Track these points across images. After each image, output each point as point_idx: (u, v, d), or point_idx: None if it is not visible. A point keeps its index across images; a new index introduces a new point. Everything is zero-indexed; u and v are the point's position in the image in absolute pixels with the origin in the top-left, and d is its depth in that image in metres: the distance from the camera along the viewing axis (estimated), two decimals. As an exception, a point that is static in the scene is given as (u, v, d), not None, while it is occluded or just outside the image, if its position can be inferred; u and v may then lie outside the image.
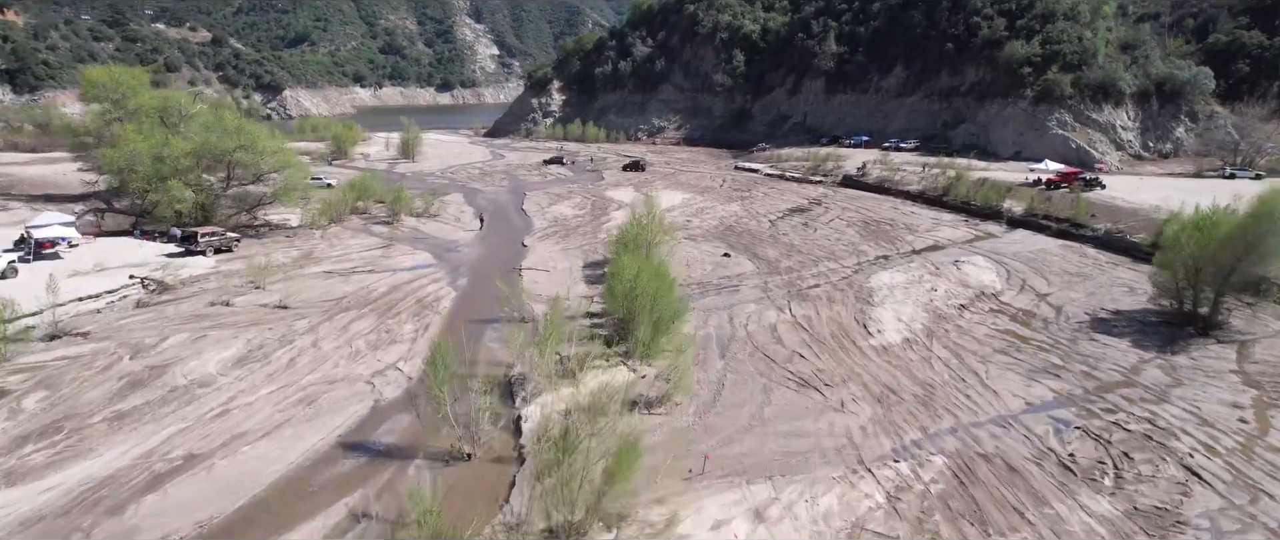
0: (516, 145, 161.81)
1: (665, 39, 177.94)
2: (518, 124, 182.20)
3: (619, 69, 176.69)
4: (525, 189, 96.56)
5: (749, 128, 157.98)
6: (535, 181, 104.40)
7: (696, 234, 68.91)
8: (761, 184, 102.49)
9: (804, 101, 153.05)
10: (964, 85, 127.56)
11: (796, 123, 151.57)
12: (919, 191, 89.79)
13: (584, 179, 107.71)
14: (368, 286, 50.05)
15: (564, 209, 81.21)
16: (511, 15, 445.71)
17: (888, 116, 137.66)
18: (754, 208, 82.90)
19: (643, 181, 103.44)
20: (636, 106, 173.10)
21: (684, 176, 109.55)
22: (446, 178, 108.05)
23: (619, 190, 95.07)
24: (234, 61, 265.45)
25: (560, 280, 52.45)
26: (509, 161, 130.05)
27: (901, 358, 38.34)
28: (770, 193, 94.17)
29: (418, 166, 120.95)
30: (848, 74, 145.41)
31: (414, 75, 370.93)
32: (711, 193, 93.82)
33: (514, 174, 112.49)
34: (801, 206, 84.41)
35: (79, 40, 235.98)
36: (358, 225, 71.68)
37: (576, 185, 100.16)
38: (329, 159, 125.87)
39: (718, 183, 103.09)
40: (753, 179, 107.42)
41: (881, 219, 76.53)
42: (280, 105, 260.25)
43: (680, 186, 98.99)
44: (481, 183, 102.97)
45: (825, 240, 66.77)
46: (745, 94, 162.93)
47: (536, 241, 65.46)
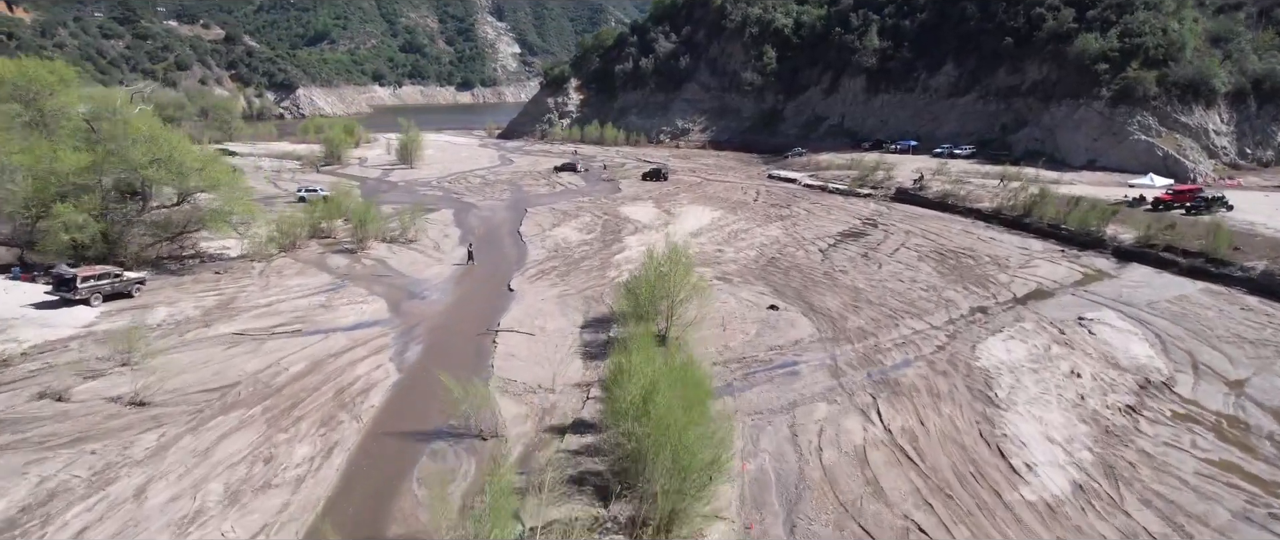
0: (529, 148, 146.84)
1: (690, 34, 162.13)
2: (533, 125, 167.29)
3: (640, 67, 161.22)
4: (528, 203, 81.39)
5: (781, 130, 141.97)
6: (541, 193, 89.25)
7: (732, 271, 53.27)
8: (802, 198, 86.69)
9: (842, 102, 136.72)
10: (1025, 84, 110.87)
11: (833, 125, 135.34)
12: (993, 210, 73.59)
13: (597, 190, 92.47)
14: (279, 362, 34.98)
15: (568, 232, 65.89)
16: (533, 13, 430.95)
17: (937, 119, 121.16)
18: (799, 231, 67.20)
19: (664, 194, 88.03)
20: (659, 107, 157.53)
21: (711, 187, 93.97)
22: (442, 188, 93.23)
23: (636, 206, 79.70)
24: (247, 60, 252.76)
25: (549, 350, 37.18)
26: (517, 167, 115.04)
27: (1089, 535, 22.71)
28: (814, 209, 78.40)
29: (415, 174, 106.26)
30: (891, 72, 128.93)
31: (434, 74, 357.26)
32: (745, 210, 78.18)
33: (519, 183, 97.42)
34: (855, 229, 68.60)
35: (88, 38, 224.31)
36: (313, 255, 56.79)
37: (588, 198, 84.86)
38: (319, 165, 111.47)
39: (751, 196, 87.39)
40: (791, 191, 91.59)
41: (958, 248, 60.55)
42: (293, 104, 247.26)
43: (708, 201, 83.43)
44: (480, 194, 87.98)
45: (897, 281, 50.94)
46: (777, 93, 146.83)
47: (527, 283, 50.07)
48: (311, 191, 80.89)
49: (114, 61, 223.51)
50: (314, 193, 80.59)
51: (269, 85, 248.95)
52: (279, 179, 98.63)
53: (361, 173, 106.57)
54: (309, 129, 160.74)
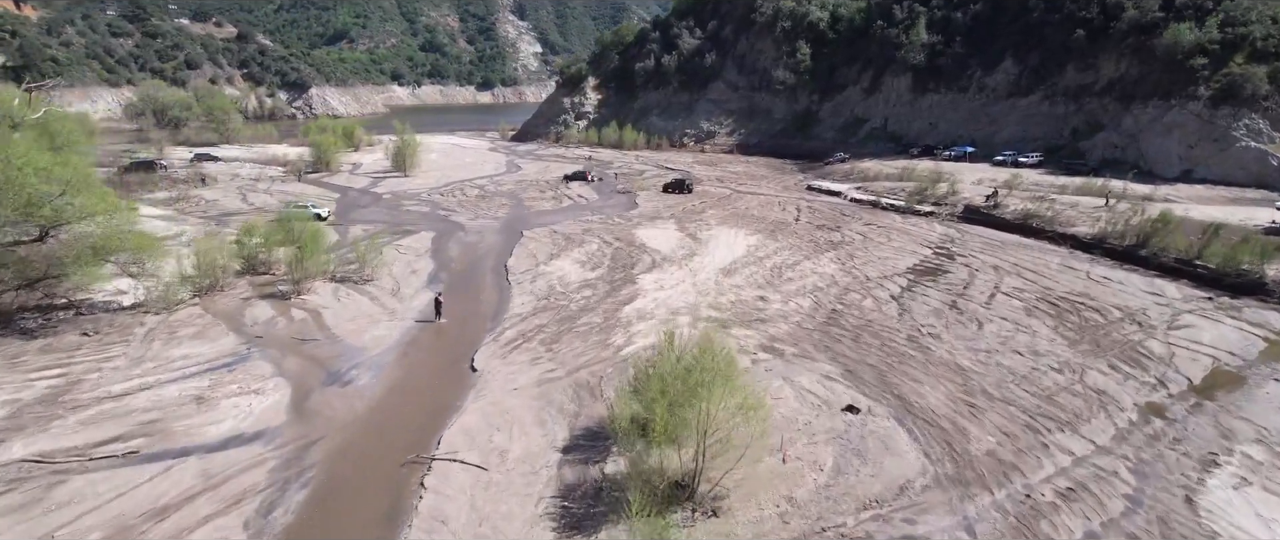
0: (542, 152, 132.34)
1: (716, 29, 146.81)
2: (547, 127, 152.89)
3: (662, 64, 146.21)
4: (526, 223, 66.74)
5: (816, 133, 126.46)
6: (545, 210, 74.60)
7: (781, 334, 38.18)
8: (851, 216, 71.46)
9: (884, 102, 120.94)
10: (1099, 83, 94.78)
11: (875, 128, 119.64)
12: (1094, 238, 57.94)
13: (610, 205, 77.77)
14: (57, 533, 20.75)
15: (568, 266, 51.04)
16: (556, 11, 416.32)
17: (994, 122, 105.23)
18: (859, 265, 52.04)
19: (689, 211, 73.17)
20: (682, 107, 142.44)
21: (743, 202, 78.89)
22: (432, 202, 78.86)
23: (655, 227, 64.88)
24: (259, 58, 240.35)
25: (505, 505, 22.60)
26: (523, 176, 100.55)
27: None
28: (870, 233, 63.19)
29: (407, 183, 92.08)
30: (941, 69, 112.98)
31: (454, 73, 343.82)
32: (786, 233, 63.13)
33: (521, 196, 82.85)
34: (929, 263, 53.32)
35: (96, 35, 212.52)
36: (233, 302, 42.55)
37: (597, 217, 70.09)
38: (302, 172, 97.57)
39: (791, 213, 72.28)
40: (836, 207, 76.33)
41: (1070, 294, 45.13)
42: (306, 104, 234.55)
43: (740, 220, 68.44)
44: (473, 211, 73.49)
45: (1010, 350, 35.67)
46: (811, 93, 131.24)
47: (499, 356, 35.14)
48: (301, 208, 67.30)
49: (122, 60, 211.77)
50: (303, 210, 67.01)
51: (281, 84, 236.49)
52: (253, 190, 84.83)
53: (347, 182, 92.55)
54: (311, 131, 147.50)
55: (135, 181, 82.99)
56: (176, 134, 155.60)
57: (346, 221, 67.07)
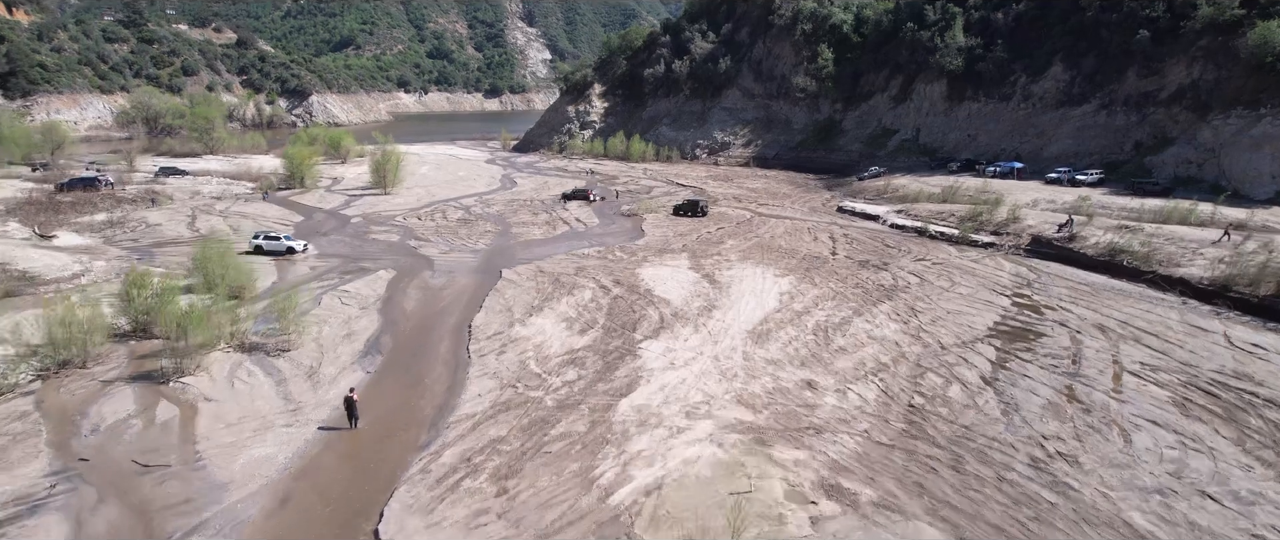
0: (542, 165, 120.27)
1: (731, 33, 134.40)
2: (550, 137, 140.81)
3: (673, 70, 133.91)
4: (508, 260, 54.33)
5: (840, 145, 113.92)
6: (535, 239, 62.24)
7: (846, 454, 25.41)
8: (897, 247, 58.91)
9: (916, 111, 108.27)
10: (1166, 90, 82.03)
11: (906, 139, 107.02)
12: (1217, 285, 45.19)
13: (612, 231, 65.54)
14: None
15: (549, 328, 38.53)
16: (565, 18, 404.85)
17: (1042, 134, 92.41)
18: (927, 323, 39.40)
19: (704, 240, 60.80)
20: (694, 116, 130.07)
21: (767, 227, 66.40)
22: (407, 226, 66.73)
23: (663, 264, 52.51)
24: (259, 64, 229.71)
25: None
26: (518, 193, 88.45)
27: None
28: (925, 271, 50.62)
29: (385, 202, 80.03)
30: (981, 75, 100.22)
31: (461, 80, 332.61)
32: (825, 271, 50.64)
33: (511, 220, 70.57)
34: (1011, 318, 40.67)
35: (89, 41, 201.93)
36: (89, 387, 30.48)
37: (595, 250, 57.70)
38: (268, 190, 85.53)
39: (825, 243, 59.78)
40: (876, 234, 63.84)
41: (1226, 374, 32.31)
42: (306, 112, 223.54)
43: (766, 253, 55.97)
44: (449, 240, 61.26)
45: (1199, 496, 23.01)
46: (834, 101, 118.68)
47: (419, 508, 22.14)
48: (272, 239, 55.68)
49: (117, 66, 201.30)
50: (275, 241, 55.37)
51: (281, 91, 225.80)
52: (208, 211, 73.01)
53: (318, 201, 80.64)
54: (300, 140, 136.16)
55: (69, 202, 71.33)
56: (159, 143, 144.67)
57: (292, 255, 54.99)
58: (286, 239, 56.11)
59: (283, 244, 55.25)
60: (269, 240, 55.71)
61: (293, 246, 55.39)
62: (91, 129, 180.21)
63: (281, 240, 55.59)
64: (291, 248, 55.28)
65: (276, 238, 56.06)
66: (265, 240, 55.73)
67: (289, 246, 55.23)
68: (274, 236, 56.21)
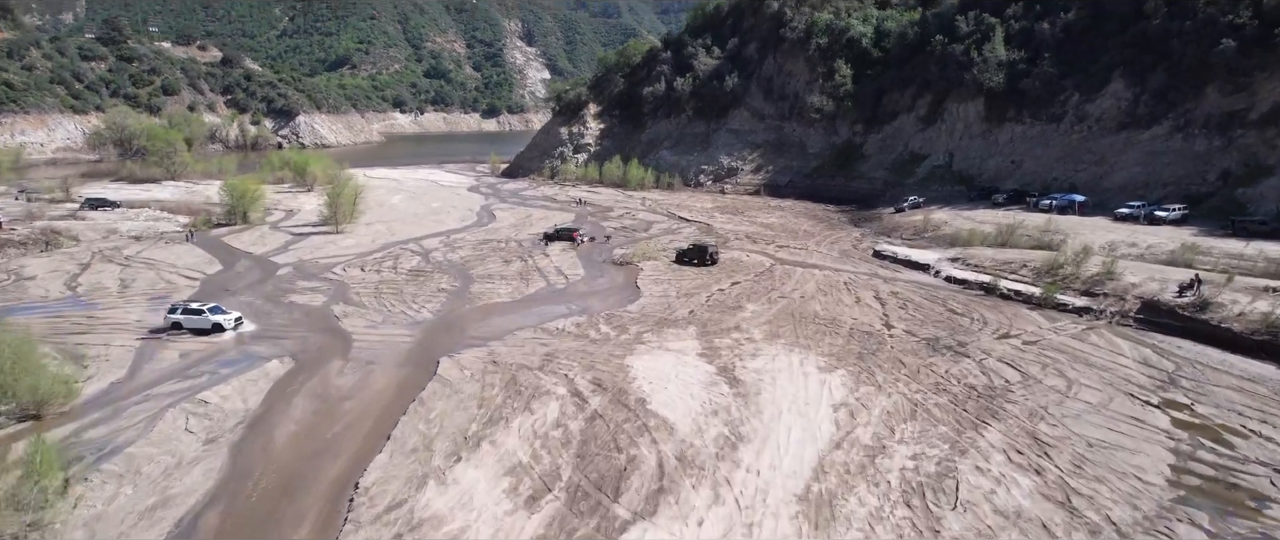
0: (530, 193, 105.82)
1: (737, 48, 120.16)
2: (542, 161, 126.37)
3: (675, 89, 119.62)
4: (452, 341, 39.26)
5: (861, 171, 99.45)
6: (498, 302, 47.22)
7: None
8: (966, 313, 44.12)
9: (948, 133, 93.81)
10: (1256, 110, 68.01)
11: (938, 166, 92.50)
12: None
13: (599, 288, 50.81)
14: None
15: (482, 487, 23.53)
16: (565, 37, 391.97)
17: (1102, 161, 77.79)
18: (1064, 469, 24.77)
19: (715, 303, 45.99)
20: (697, 139, 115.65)
21: (793, 283, 51.60)
22: (342, 281, 51.89)
23: (663, 344, 37.66)
24: (245, 83, 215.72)
25: None
26: (494, 230, 73.84)
27: None
28: (1020, 357, 35.73)
29: (332, 244, 65.29)
30: (1025, 93, 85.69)
31: (459, 100, 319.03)
32: (884, 359, 35.73)
33: (475, 271, 55.67)
34: (1189, 456, 25.93)
35: (64, 59, 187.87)
36: None
37: (573, 321, 42.76)
38: (193, 232, 70.59)
39: (873, 309, 44.86)
40: (933, 292, 49.07)
41: None
42: (293, 132, 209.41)
43: (799, 325, 41.14)
44: (388, 304, 46.28)
45: None
46: (853, 123, 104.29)
47: None
48: (193, 313, 40.68)
49: (92, 85, 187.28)
50: (196, 316, 40.34)
51: (268, 111, 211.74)
52: (111, 259, 58.43)
53: (253, 243, 65.99)
54: (275, 165, 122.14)
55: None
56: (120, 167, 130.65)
57: (219, 334, 40.14)
58: (213, 312, 40.74)
59: (207, 320, 40.10)
60: (189, 315, 40.43)
61: (220, 322, 40.18)
62: (59, 151, 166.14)
63: (205, 315, 40.30)
64: (218, 324, 40.13)
65: (198, 311, 40.61)
66: (184, 315, 40.44)
67: (215, 322, 40.06)
68: (196, 309, 40.82)
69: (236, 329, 40.73)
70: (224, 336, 39.50)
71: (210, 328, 39.91)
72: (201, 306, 41.01)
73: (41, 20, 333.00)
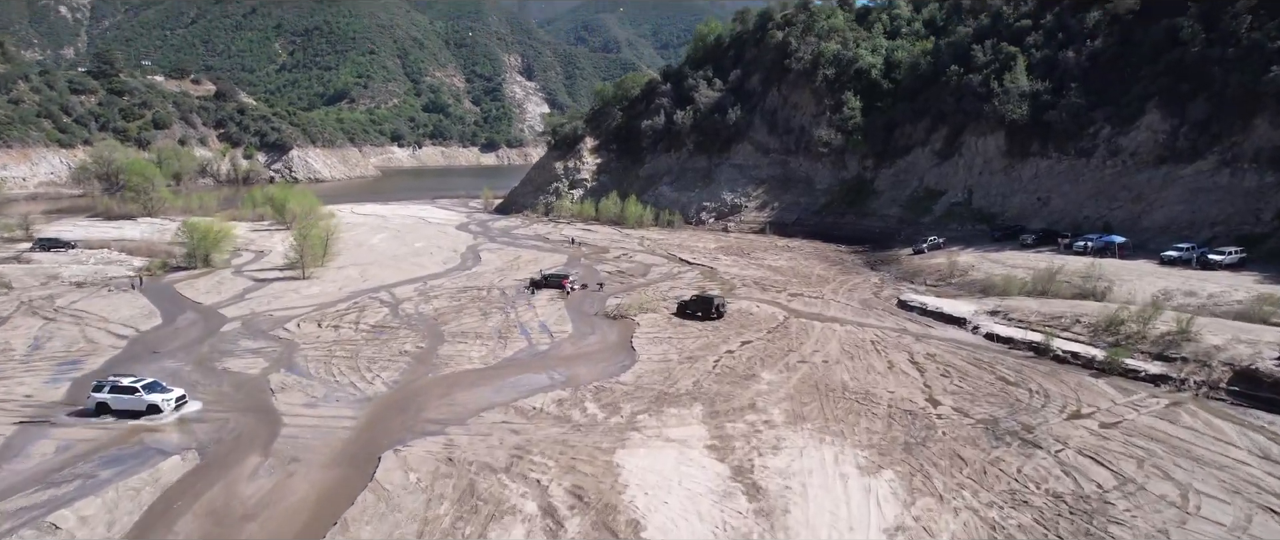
0: (521, 231, 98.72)
1: (740, 80, 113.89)
2: (536, 197, 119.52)
3: (675, 122, 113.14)
4: (408, 421, 31.95)
5: (873, 208, 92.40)
6: (467, 370, 39.43)
7: None
8: (1022, 382, 36.43)
9: (966, 169, 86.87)
10: (1313, 143, 60.82)
11: (955, 203, 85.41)
12: None
13: (587, 349, 43.20)
14: None
15: None
16: (564, 72, 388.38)
17: (1140, 199, 70.62)
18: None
19: (723, 371, 38.27)
20: (699, 175, 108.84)
21: (812, 342, 43.96)
22: (295, 338, 44.37)
23: (662, 432, 30.03)
24: (238, 117, 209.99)
25: None
26: (477, 275, 66.47)
27: None
28: (1103, 446, 28.06)
29: (294, 293, 57.78)
30: (1050, 126, 78.83)
31: (457, 134, 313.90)
32: (938, 453, 28.06)
33: (447, 328, 48.06)
34: None
35: (52, 93, 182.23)
36: None
37: (555, 394, 35.11)
38: (140, 278, 63.06)
39: (911, 378, 37.16)
40: (975, 353, 41.40)
41: None
42: (286, 166, 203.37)
43: (827, 402, 33.51)
44: (338, 371, 38.63)
45: None
46: (863, 157, 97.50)
47: None
48: (124, 392, 32.44)
49: (81, 119, 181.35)
50: (128, 396, 32.14)
51: (261, 145, 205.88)
52: (36, 311, 51.01)
53: (207, 291, 58.55)
54: (255, 200, 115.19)
55: None
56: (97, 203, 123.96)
57: (155, 417, 32.51)
58: (150, 391, 32.49)
59: (140, 400, 32.00)
60: (119, 394, 32.19)
61: (156, 404, 32.07)
62: (42, 186, 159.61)
63: (138, 394, 32.10)
64: (154, 406, 32.01)
65: (129, 389, 32.32)
66: (112, 394, 32.23)
67: (150, 404, 31.99)
68: (127, 386, 32.46)
69: (179, 410, 32.58)
70: (160, 420, 31.70)
71: (144, 410, 31.85)
72: (135, 383, 32.71)
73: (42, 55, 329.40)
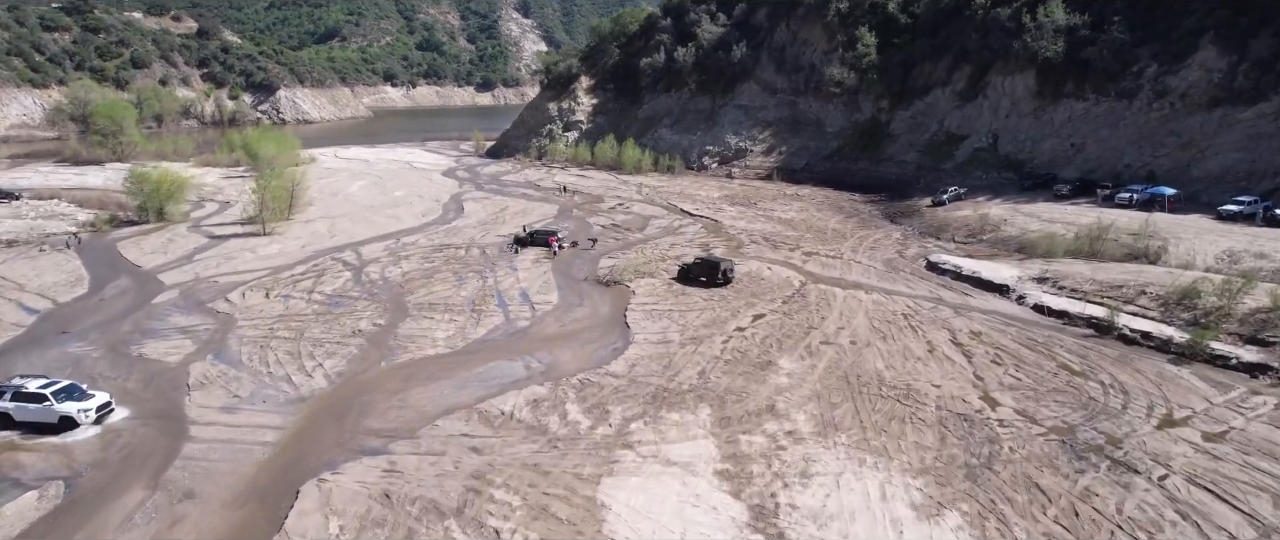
0: (511, 177, 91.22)
1: (746, 14, 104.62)
2: (528, 140, 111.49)
3: (675, 60, 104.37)
4: (346, 432, 25.52)
5: (888, 153, 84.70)
6: (430, 356, 32.88)
7: None
8: (1091, 372, 29.83)
9: (991, 111, 78.95)
10: (1395, 83, 53.07)
11: (980, 148, 77.76)
12: None
13: (573, 327, 36.43)
14: None
15: None
16: (562, 8, 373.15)
17: (1189, 145, 63.06)
18: None
19: (733, 356, 31.61)
20: (701, 116, 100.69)
21: (835, 317, 37.09)
22: (235, 311, 37.64)
23: (660, 448, 23.34)
24: (222, 56, 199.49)
25: None
26: (457, 229, 59.41)
27: None
28: (1220, 472, 21.52)
29: (248, 254, 50.79)
30: (1089, 64, 70.80)
31: (452, 73, 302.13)
32: (1008, 481, 21.55)
33: (414, 298, 41.18)
34: None
35: (23, 30, 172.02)
36: None
37: (530, 390, 28.67)
38: (75, 236, 55.82)
39: (957, 366, 30.50)
40: (1024, 330, 34.64)
41: None
42: (273, 108, 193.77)
43: (861, 401, 26.87)
44: (276, 358, 32.13)
45: None
46: (878, 98, 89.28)
47: None
48: (29, 400, 25.35)
49: (54, 58, 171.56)
50: (35, 404, 25.30)
51: (247, 86, 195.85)
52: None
53: (154, 250, 51.66)
54: (232, 144, 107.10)
55: None
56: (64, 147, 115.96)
57: (69, 432, 25.98)
58: (65, 399, 25.56)
59: (50, 411, 25.13)
60: (22, 402, 25.39)
61: (71, 415, 25.20)
62: (13, 128, 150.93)
63: (49, 404, 25.22)
64: (68, 418, 25.19)
65: (39, 397, 25.31)
66: (14, 402, 25.43)
67: (65, 416, 25.15)
68: (35, 394, 25.45)
69: (100, 421, 25.70)
70: (74, 438, 24.98)
71: (56, 423, 25.05)
72: (45, 387, 25.60)
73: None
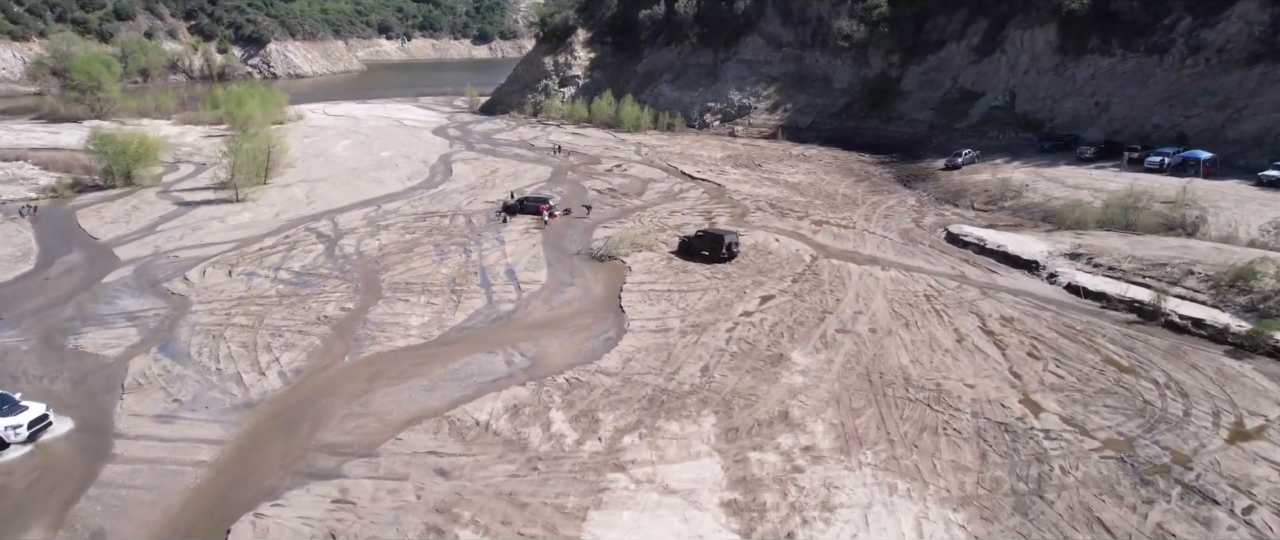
0: (504, 135, 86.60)
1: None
2: (523, 95, 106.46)
3: (676, 12, 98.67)
4: (296, 448, 22.07)
5: (899, 111, 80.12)
6: (403, 342, 29.34)
7: None
8: (1140, 368, 26.30)
9: (1008, 67, 74.25)
10: None
11: (996, 107, 73.30)
12: None
13: (562, 311, 32.76)
14: None
15: None
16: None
17: (1224, 105, 58.72)
18: None
19: (740, 348, 28.01)
20: (703, 72, 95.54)
21: (850, 298, 33.33)
22: (187, 294, 33.92)
23: (654, 470, 19.92)
24: (210, 8, 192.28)
25: None
26: (443, 194, 55.23)
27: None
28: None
29: (216, 224, 46.84)
30: (1116, 16, 66.04)
31: (448, 25, 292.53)
32: (1058, 510, 18.48)
33: (388, 276, 37.38)
34: None
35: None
36: None
37: (510, 386, 25.15)
38: (34, 206, 51.72)
39: (990, 359, 26.94)
40: (1059, 314, 30.99)
41: None
42: (263, 62, 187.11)
43: (888, 406, 23.36)
44: (232, 348, 28.54)
45: None
46: (889, 52, 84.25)
47: None
48: None
49: (34, 9, 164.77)
50: None
51: (236, 38, 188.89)
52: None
53: (115, 219, 47.71)
54: (216, 100, 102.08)
55: None
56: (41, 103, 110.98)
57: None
58: None
59: None
60: None
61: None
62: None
63: None
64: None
65: None
66: None
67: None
68: None
69: (34, 437, 22.02)
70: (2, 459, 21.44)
71: None
72: None
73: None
